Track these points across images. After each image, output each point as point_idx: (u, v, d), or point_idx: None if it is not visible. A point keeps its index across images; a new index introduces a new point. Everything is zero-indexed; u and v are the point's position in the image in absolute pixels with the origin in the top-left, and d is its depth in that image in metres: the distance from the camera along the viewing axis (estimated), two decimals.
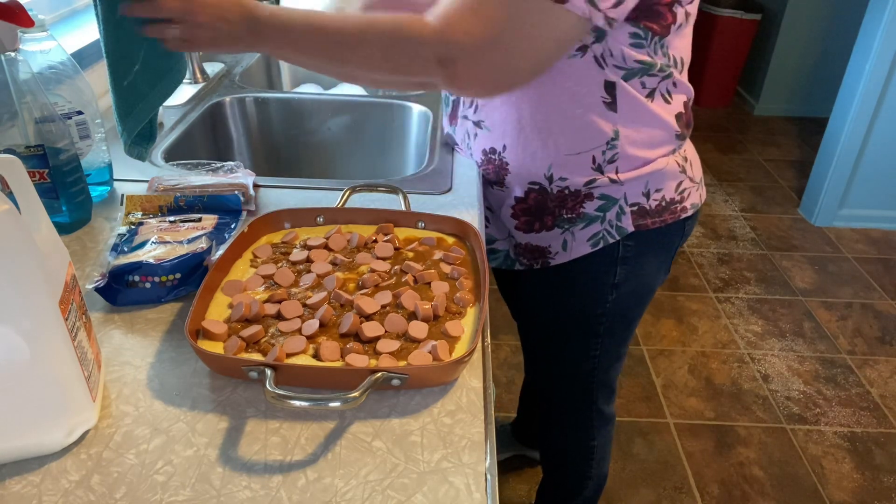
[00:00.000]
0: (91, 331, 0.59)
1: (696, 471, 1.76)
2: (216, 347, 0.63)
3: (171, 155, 1.06)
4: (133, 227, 0.80)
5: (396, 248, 0.78)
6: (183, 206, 0.83)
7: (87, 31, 1.21)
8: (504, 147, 0.94)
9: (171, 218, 0.81)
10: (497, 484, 0.54)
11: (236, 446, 0.55)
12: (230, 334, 0.64)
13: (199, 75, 1.35)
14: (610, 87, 0.85)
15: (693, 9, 0.84)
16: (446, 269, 0.74)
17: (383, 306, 0.68)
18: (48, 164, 0.78)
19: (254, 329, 0.64)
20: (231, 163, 0.97)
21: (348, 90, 1.57)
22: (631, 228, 0.94)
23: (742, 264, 2.63)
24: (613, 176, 0.91)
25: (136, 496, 0.51)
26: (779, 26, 3.74)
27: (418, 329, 0.65)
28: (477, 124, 0.97)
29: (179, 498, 0.51)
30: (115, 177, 0.94)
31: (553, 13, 0.72)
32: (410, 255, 0.77)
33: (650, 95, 0.87)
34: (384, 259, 0.76)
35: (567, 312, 1.07)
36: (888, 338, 2.25)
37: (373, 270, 0.74)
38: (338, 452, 0.55)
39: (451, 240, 0.81)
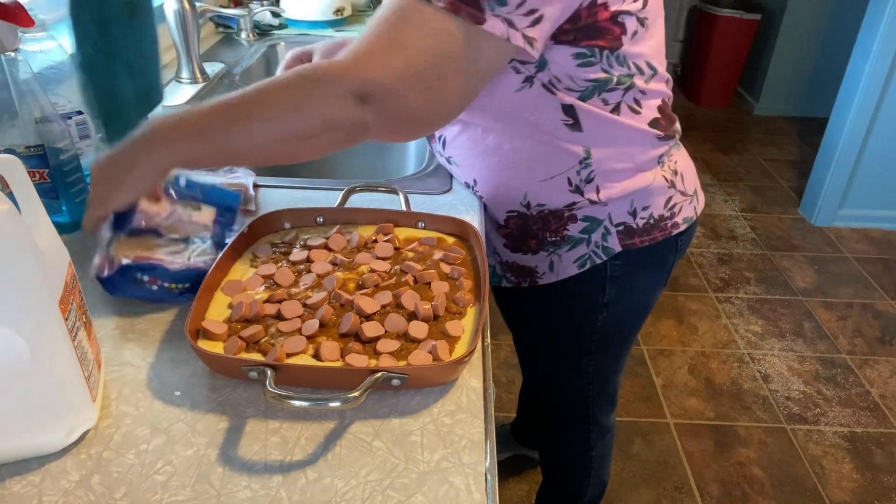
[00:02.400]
0: (91, 331, 0.59)
1: (696, 471, 1.76)
2: (216, 347, 0.63)
3: None
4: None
5: (396, 248, 0.78)
6: (180, 192, 0.78)
7: None
8: (475, 181, 0.92)
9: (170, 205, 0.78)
10: (497, 484, 0.54)
11: (236, 446, 0.55)
12: (230, 334, 0.64)
13: (199, 75, 1.35)
14: (569, 109, 0.81)
15: (649, 12, 0.78)
16: (446, 269, 0.74)
17: (383, 306, 0.68)
18: (48, 164, 0.78)
19: (254, 329, 0.64)
20: None
21: None
22: (618, 248, 0.91)
23: (742, 264, 2.63)
24: (594, 196, 0.87)
25: (136, 496, 0.51)
26: (779, 26, 3.75)
27: (418, 329, 0.65)
28: (448, 160, 0.96)
29: (179, 498, 0.51)
30: None
31: (473, 38, 0.67)
32: (410, 255, 0.77)
33: (615, 110, 0.82)
34: (384, 259, 0.76)
35: (558, 331, 1.06)
36: (888, 338, 2.25)
37: (373, 270, 0.74)
38: (338, 452, 0.55)
39: (451, 240, 0.81)
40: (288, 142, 0.68)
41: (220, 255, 0.73)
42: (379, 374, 0.57)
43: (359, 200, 0.92)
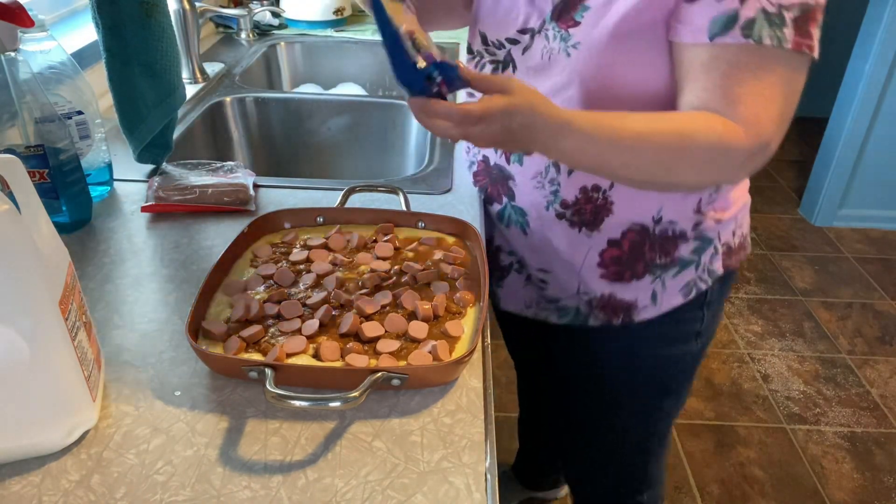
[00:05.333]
0: (91, 331, 0.59)
1: (696, 471, 1.76)
2: (216, 347, 0.63)
3: (172, 155, 1.06)
4: None
5: (396, 248, 0.78)
6: None
7: (87, 31, 1.21)
8: (612, 185, 0.81)
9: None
10: (497, 484, 0.54)
11: (236, 446, 0.55)
12: (230, 334, 0.64)
13: (199, 75, 1.35)
14: None
15: None
16: (446, 269, 0.74)
17: (383, 306, 0.68)
18: (48, 164, 0.78)
19: (254, 329, 0.64)
20: (231, 163, 0.97)
21: (348, 90, 1.57)
22: (721, 270, 0.87)
23: (742, 264, 2.62)
24: (716, 215, 0.83)
25: (136, 496, 0.51)
26: None
27: (418, 329, 0.65)
28: None
29: (179, 498, 0.51)
30: (115, 177, 0.94)
31: (805, 66, 0.68)
32: (410, 255, 0.77)
33: None
34: (384, 259, 0.76)
35: (640, 372, 0.95)
36: (888, 338, 2.25)
37: (373, 270, 0.74)
38: (338, 452, 0.55)
39: (451, 240, 0.81)
40: (668, 187, 0.77)
41: (221, 255, 0.73)
42: (379, 374, 0.57)
43: (359, 200, 0.92)
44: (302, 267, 0.75)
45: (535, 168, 0.84)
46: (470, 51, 0.88)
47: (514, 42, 0.81)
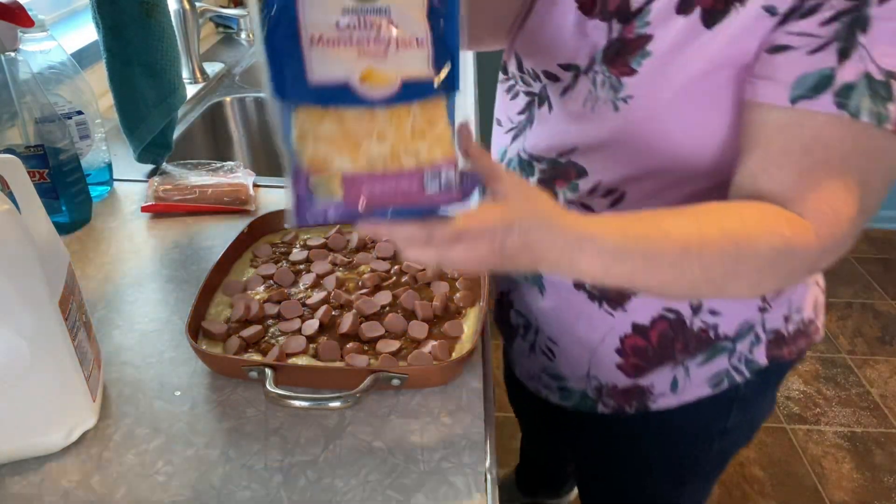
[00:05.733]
0: (91, 331, 0.59)
1: None
2: (216, 347, 0.63)
3: (172, 155, 1.06)
4: None
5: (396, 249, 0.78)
6: None
7: (87, 31, 1.21)
8: None
9: None
10: (497, 484, 0.54)
11: (236, 446, 0.55)
12: (230, 334, 0.64)
13: (199, 75, 1.35)
14: None
15: None
16: (446, 269, 0.74)
17: (383, 306, 0.68)
18: (48, 164, 0.78)
19: (254, 329, 0.64)
20: (231, 163, 0.97)
21: None
22: (764, 362, 0.71)
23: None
24: (763, 302, 0.69)
25: (136, 496, 0.51)
26: None
27: (418, 329, 0.65)
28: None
29: (179, 498, 0.51)
30: (115, 177, 0.94)
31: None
32: None
33: None
34: (384, 259, 0.76)
35: (654, 465, 0.83)
36: (888, 338, 2.25)
37: (373, 270, 0.74)
38: (338, 452, 0.55)
39: None
40: (713, 298, 0.65)
41: (221, 255, 0.73)
42: (379, 374, 0.57)
43: None
44: (302, 267, 0.75)
45: None
46: (504, 70, 0.74)
47: (553, 78, 0.65)
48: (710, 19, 0.54)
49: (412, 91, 0.41)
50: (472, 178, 0.44)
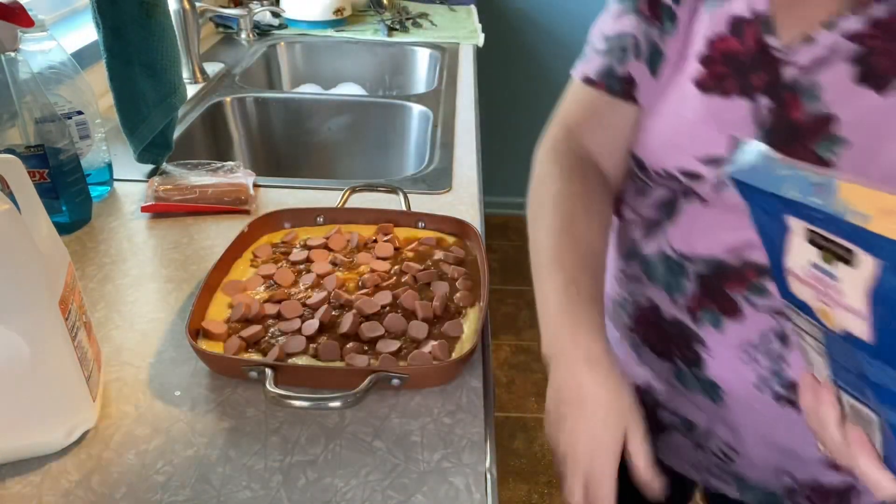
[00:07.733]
0: (91, 331, 0.59)
1: None
2: (216, 347, 0.63)
3: (172, 155, 1.06)
4: None
5: (396, 248, 0.78)
6: None
7: (87, 31, 1.21)
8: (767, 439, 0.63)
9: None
10: (497, 484, 0.54)
11: (236, 446, 0.55)
12: (230, 334, 0.64)
13: (199, 75, 1.35)
14: None
15: None
16: (446, 269, 0.74)
17: (383, 306, 0.68)
18: (48, 164, 0.78)
19: (254, 329, 0.64)
20: (231, 163, 0.97)
21: (348, 90, 1.57)
22: None
23: None
24: None
25: (136, 496, 0.51)
26: None
27: (418, 329, 0.65)
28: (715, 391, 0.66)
29: (179, 498, 0.51)
30: (115, 177, 0.94)
31: None
32: (410, 255, 0.77)
33: None
34: (384, 259, 0.76)
35: None
36: None
37: (373, 270, 0.74)
38: (338, 452, 0.55)
39: (451, 240, 0.81)
40: None
41: (221, 255, 0.73)
42: (379, 374, 0.57)
43: (359, 200, 0.92)
44: (302, 267, 0.75)
45: (742, 335, 0.61)
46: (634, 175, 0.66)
47: (693, 177, 0.58)
48: None
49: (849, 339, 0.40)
50: None
